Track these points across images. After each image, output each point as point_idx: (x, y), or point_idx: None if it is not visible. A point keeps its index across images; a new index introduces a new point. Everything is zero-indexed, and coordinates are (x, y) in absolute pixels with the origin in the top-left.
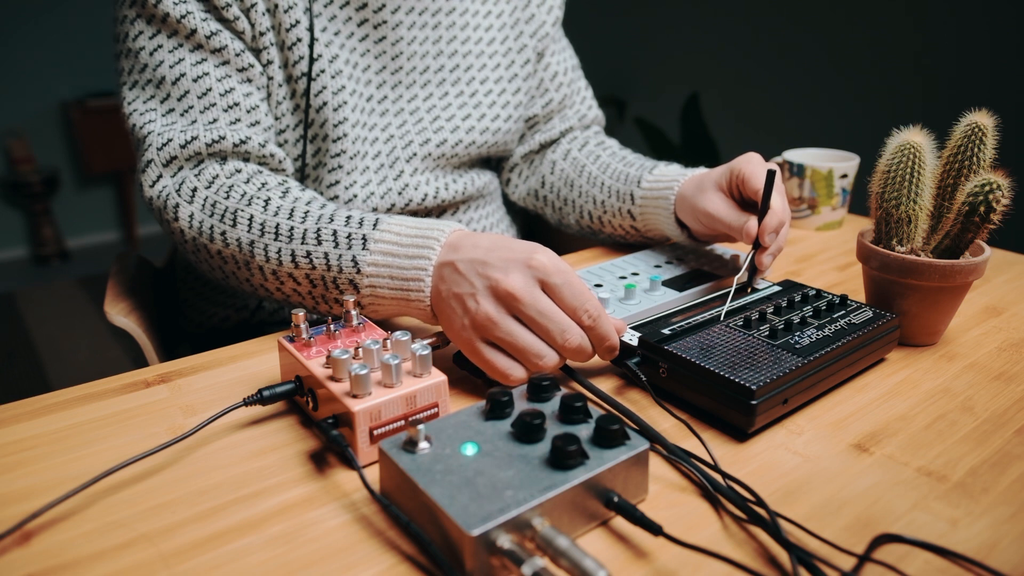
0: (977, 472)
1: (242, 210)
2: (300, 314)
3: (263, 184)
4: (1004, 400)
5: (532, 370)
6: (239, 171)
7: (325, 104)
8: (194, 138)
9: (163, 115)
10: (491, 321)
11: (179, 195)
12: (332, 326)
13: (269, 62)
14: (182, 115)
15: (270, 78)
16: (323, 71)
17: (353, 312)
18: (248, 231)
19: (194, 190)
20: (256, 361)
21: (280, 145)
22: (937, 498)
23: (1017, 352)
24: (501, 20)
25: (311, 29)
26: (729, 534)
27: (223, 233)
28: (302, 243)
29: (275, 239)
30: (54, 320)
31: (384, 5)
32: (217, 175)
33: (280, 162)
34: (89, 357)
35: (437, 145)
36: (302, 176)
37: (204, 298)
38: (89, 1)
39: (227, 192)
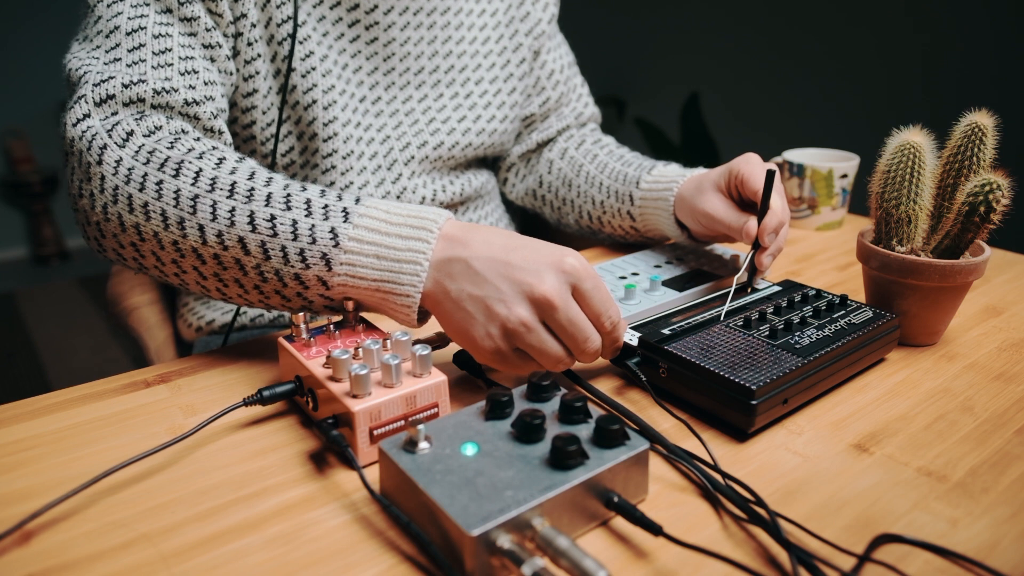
0: (977, 472)
1: (190, 162)
2: (300, 314)
3: (215, 146)
4: (1004, 400)
5: (548, 369)
6: (185, 132)
7: (315, 102)
8: (140, 81)
9: (107, 63)
10: (526, 327)
11: (109, 136)
12: (332, 326)
13: (258, 56)
14: (130, 66)
15: (256, 72)
16: (314, 69)
17: (352, 313)
18: (193, 184)
19: (130, 133)
20: (256, 361)
21: (266, 141)
22: (937, 498)
23: (1017, 352)
24: (495, 19)
25: (294, 21)
26: (729, 534)
27: (159, 183)
28: (266, 205)
29: (228, 197)
30: (54, 320)
31: (376, 6)
32: (161, 126)
33: (227, 145)
34: (89, 357)
35: (434, 147)
36: (290, 174)
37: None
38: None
39: (171, 143)
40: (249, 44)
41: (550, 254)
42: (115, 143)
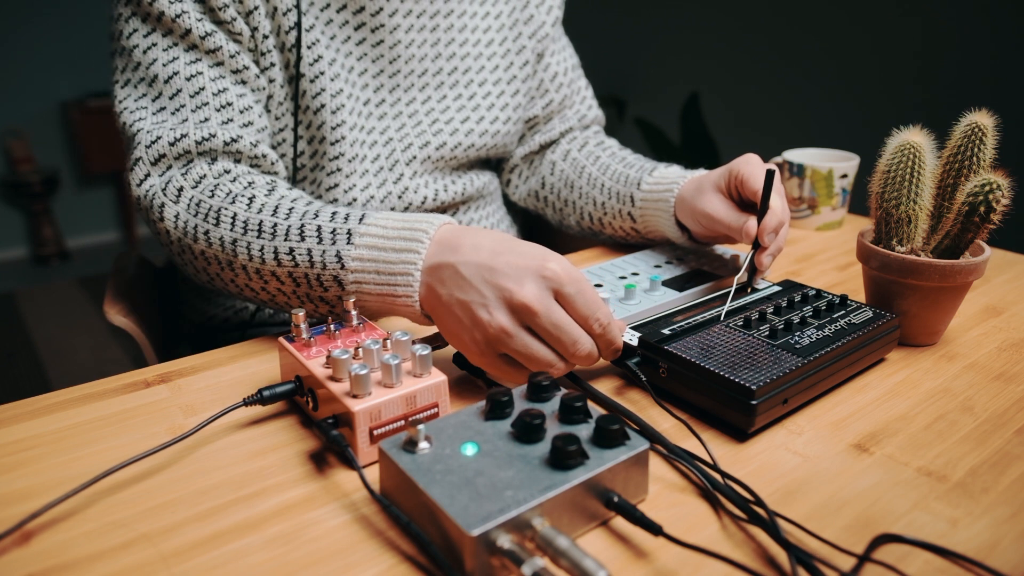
0: (977, 472)
1: (226, 208)
2: (300, 314)
3: (250, 183)
4: (1004, 400)
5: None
6: (227, 171)
7: (323, 106)
8: (184, 136)
9: (154, 113)
10: (506, 334)
11: (165, 195)
12: (332, 326)
13: (272, 64)
14: (173, 113)
15: (271, 80)
16: (322, 73)
17: (353, 312)
18: (231, 229)
19: (180, 189)
20: (256, 361)
21: (278, 145)
22: (937, 498)
23: (1017, 352)
24: (500, 21)
25: (299, 27)
26: (729, 534)
27: (206, 232)
28: (285, 239)
29: (258, 236)
30: (54, 320)
31: (381, 9)
32: (205, 175)
33: (272, 164)
34: (89, 357)
35: (436, 148)
36: (300, 178)
37: (204, 298)
38: (89, 1)
39: (212, 191)
40: (263, 54)
41: (533, 259)
42: (170, 200)
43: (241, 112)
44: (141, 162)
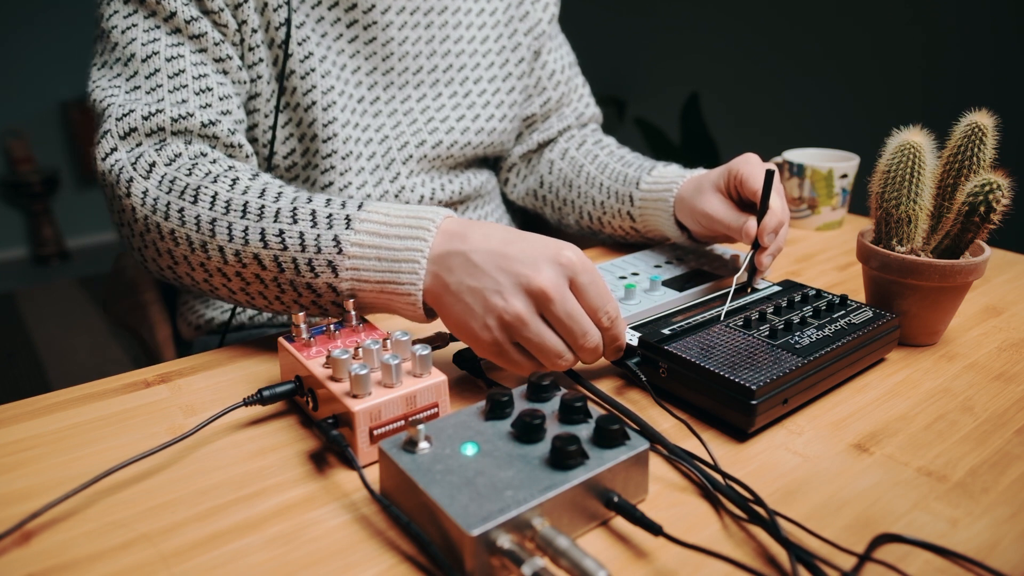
0: (977, 472)
1: (206, 187)
2: (300, 314)
3: (231, 166)
4: (1004, 400)
5: (549, 368)
6: (204, 154)
7: (314, 103)
8: (159, 111)
9: (127, 92)
10: (521, 321)
11: (134, 169)
12: (332, 326)
13: (260, 60)
14: (148, 92)
15: (259, 77)
16: (313, 70)
17: (352, 312)
18: (210, 208)
19: (152, 165)
20: (256, 361)
21: (266, 144)
22: (937, 498)
23: (1017, 352)
24: (495, 18)
25: (288, 24)
26: (729, 534)
27: (181, 210)
28: (274, 221)
29: (242, 217)
30: (54, 320)
31: (374, 5)
32: (180, 153)
33: (247, 157)
34: (89, 357)
35: (433, 146)
36: (292, 176)
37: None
38: (89, 1)
39: (189, 170)
40: (251, 49)
41: (547, 246)
42: (140, 175)
43: (221, 99)
44: (109, 135)
